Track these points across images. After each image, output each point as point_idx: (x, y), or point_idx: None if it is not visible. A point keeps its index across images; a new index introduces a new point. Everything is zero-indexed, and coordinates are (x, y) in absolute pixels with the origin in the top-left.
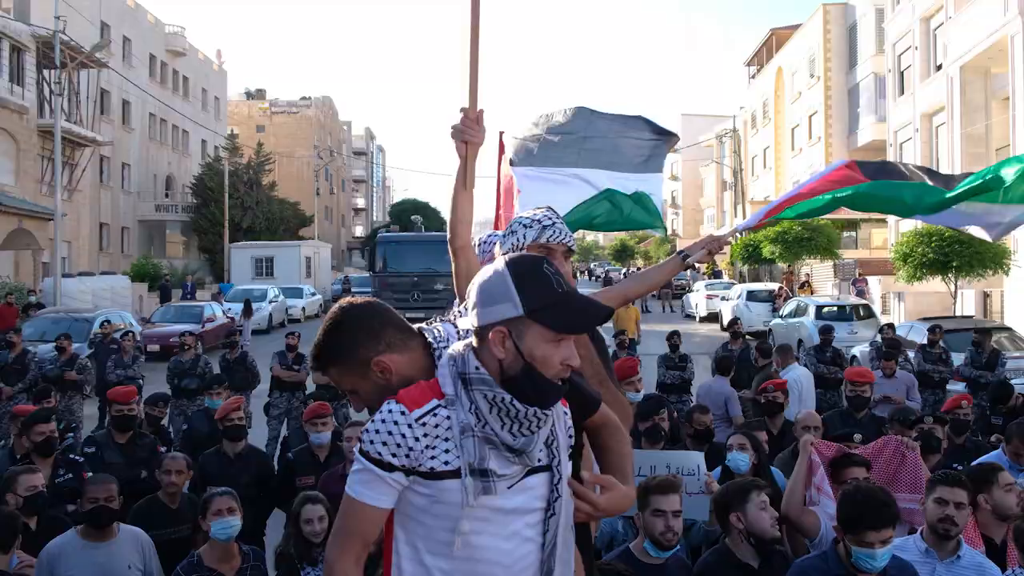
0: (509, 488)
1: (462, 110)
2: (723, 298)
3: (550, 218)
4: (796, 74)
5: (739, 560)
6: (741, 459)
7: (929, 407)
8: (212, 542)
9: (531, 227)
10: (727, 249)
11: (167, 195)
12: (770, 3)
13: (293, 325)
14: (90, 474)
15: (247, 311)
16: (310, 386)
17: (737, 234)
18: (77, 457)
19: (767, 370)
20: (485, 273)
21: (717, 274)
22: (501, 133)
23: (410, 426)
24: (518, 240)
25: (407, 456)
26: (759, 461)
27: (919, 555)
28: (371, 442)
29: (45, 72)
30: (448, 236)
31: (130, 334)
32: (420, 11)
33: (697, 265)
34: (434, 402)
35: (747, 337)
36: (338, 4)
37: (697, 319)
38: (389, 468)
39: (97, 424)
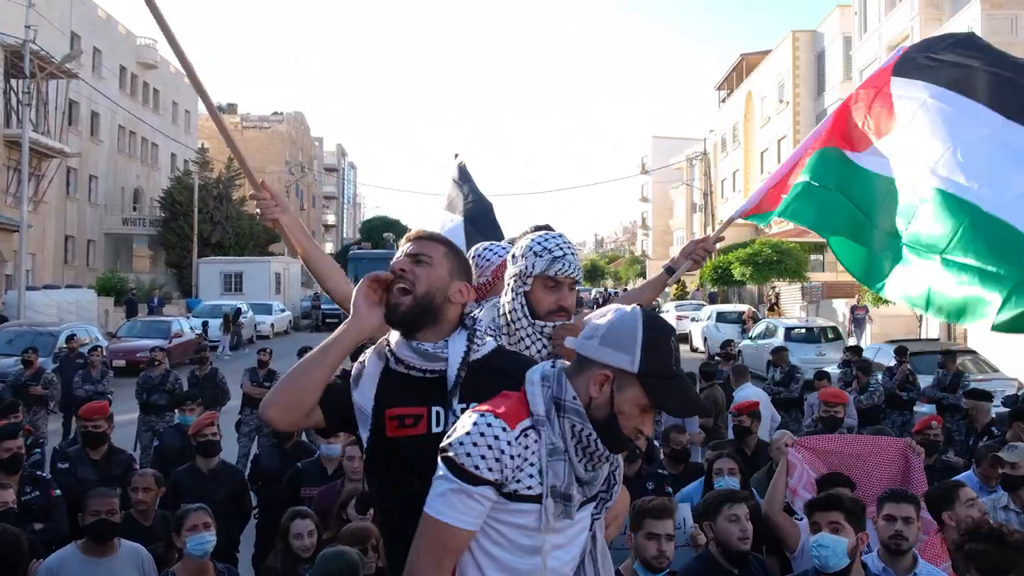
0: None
1: (251, 196)
2: (693, 319)
3: (561, 249)
4: (765, 99)
5: (721, 566)
6: (732, 484)
7: (897, 428)
8: (187, 559)
9: (542, 256)
10: (697, 271)
11: (135, 208)
12: (741, 28)
13: (262, 342)
14: (57, 492)
15: (227, 326)
16: None
17: (722, 236)
18: (44, 474)
19: (707, 392)
20: (618, 312)
21: (713, 296)
22: (456, 155)
23: (510, 443)
24: (528, 267)
25: (501, 472)
26: (743, 483)
27: (878, 573)
28: (467, 455)
29: (13, 81)
30: (331, 299)
31: (98, 349)
32: (394, 30)
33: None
34: (526, 422)
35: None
36: (312, 21)
37: None
38: (481, 482)
39: (61, 439)
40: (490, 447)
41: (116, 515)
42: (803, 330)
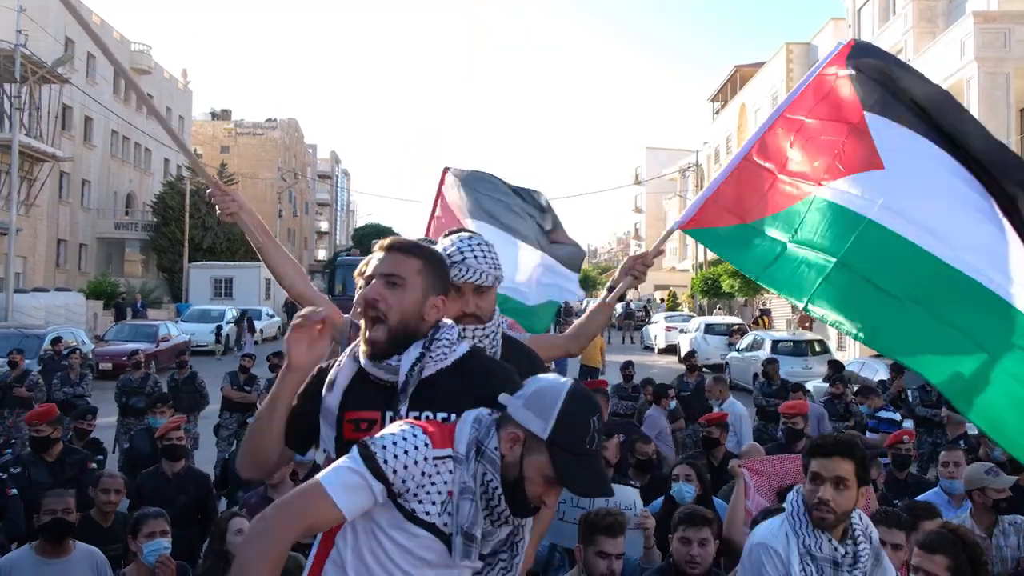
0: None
1: (208, 193)
2: (681, 330)
3: (462, 252)
4: (759, 111)
5: None
6: (687, 489)
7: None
8: (140, 564)
9: None
10: (688, 282)
11: (127, 213)
12: (735, 41)
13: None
14: (14, 491)
15: (251, 327)
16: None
17: (662, 248)
18: (1, 475)
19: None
20: (552, 379)
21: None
22: (445, 169)
23: (425, 459)
24: None
25: (402, 481)
26: (703, 491)
27: None
28: (383, 447)
29: (6, 86)
30: (289, 296)
31: (76, 352)
32: (389, 38)
33: (659, 300)
34: (448, 451)
35: (703, 370)
36: (307, 28)
37: (656, 351)
38: (379, 477)
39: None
40: (406, 452)
41: (71, 515)
42: (790, 343)
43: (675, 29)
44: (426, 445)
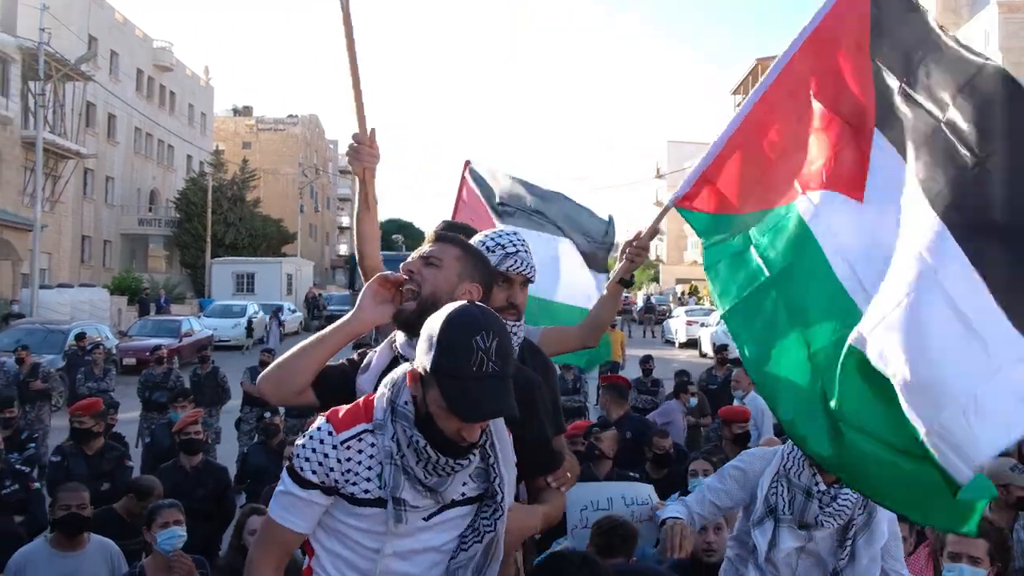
0: (426, 520)
1: (353, 136)
2: (702, 324)
3: (515, 245)
4: None
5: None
6: None
7: None
8: (156, 554)
9: (494, 252)
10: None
11: (151, 209)
12: (756, 33)
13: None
14: (37, 485)
15: (277, 320)
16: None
17: (657, 228)
18: (24, 468)
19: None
20: (441, 312)
21: None
22: (467, 162)
23: (334, 447)
24: None
25: (327, 476)
26: None
27: None
28: (297, 456)
29: (30, 84)
30: (357, 258)
31: (99, 347)
32: (407, 34)
33: (687, 293)
34: (361, 427)
35: (730, 364)
36: (328, 24)
37: (676, 345)
38: (309, 485)
39: (67, 436)
40: (313, 449)
41: (87, 509)
42: None
43: (695, 22)
44: (330, 434)
